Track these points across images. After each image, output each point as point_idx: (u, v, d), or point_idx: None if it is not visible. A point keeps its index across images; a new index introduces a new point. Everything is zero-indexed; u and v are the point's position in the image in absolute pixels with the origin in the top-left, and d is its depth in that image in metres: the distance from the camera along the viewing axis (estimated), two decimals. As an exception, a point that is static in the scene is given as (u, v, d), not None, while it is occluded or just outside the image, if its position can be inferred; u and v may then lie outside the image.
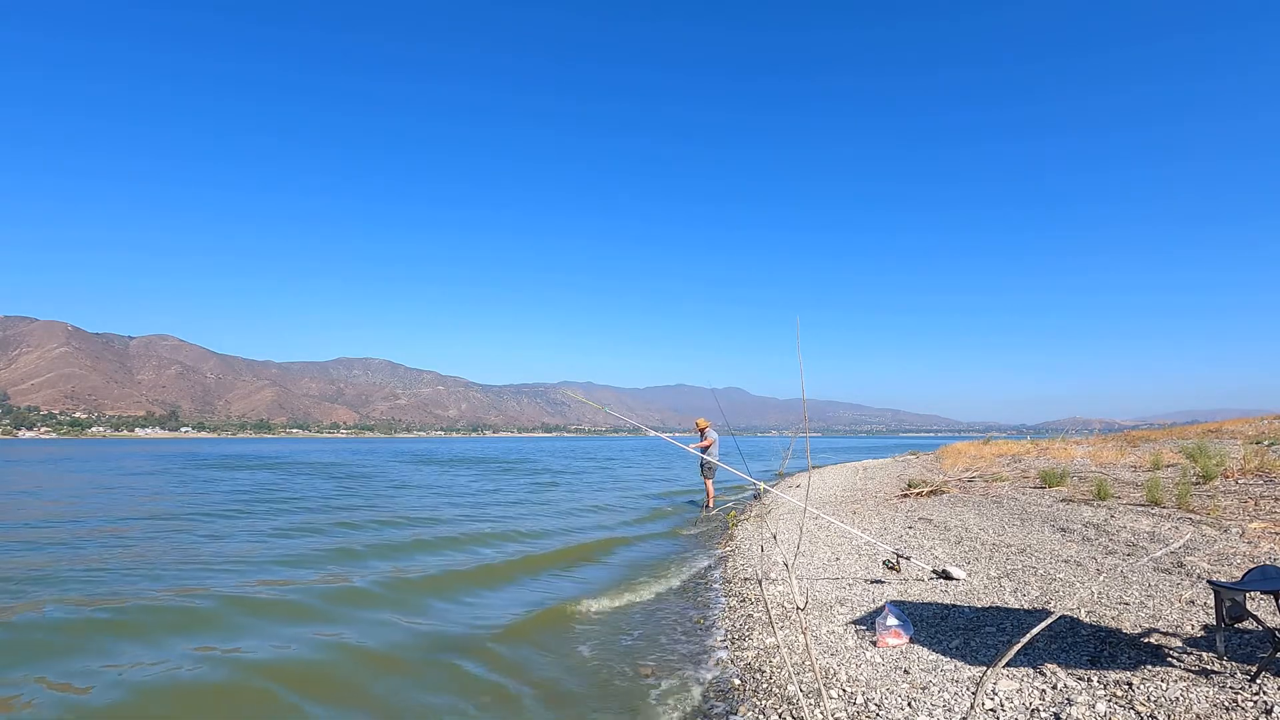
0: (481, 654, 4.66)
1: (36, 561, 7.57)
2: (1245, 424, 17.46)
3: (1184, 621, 3.93)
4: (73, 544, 8.74)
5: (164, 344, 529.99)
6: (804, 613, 4.84)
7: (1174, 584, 4.68)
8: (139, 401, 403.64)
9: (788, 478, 20.49)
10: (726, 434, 13.59)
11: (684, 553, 8.56)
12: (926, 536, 7.63)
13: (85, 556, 7.84)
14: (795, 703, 3.43)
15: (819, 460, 33.43)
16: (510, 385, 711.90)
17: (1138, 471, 10.82)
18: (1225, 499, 7.35)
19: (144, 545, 8.69)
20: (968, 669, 3.58)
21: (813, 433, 34.61)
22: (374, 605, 5.89)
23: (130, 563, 7.46)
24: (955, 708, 3.13)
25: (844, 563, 6.62)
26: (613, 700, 3.90)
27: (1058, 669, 3.39)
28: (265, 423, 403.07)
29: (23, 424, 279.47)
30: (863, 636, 4.29)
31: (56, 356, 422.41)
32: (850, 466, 23.73)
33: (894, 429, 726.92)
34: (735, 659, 4.30)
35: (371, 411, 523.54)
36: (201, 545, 8.75)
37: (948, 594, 5.14)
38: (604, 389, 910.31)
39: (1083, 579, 5.13)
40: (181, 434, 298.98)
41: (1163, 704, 2.90)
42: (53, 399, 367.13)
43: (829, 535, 8.23)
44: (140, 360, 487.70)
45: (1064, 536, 6.79)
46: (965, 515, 8.83)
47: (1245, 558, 5.07)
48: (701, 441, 12.65)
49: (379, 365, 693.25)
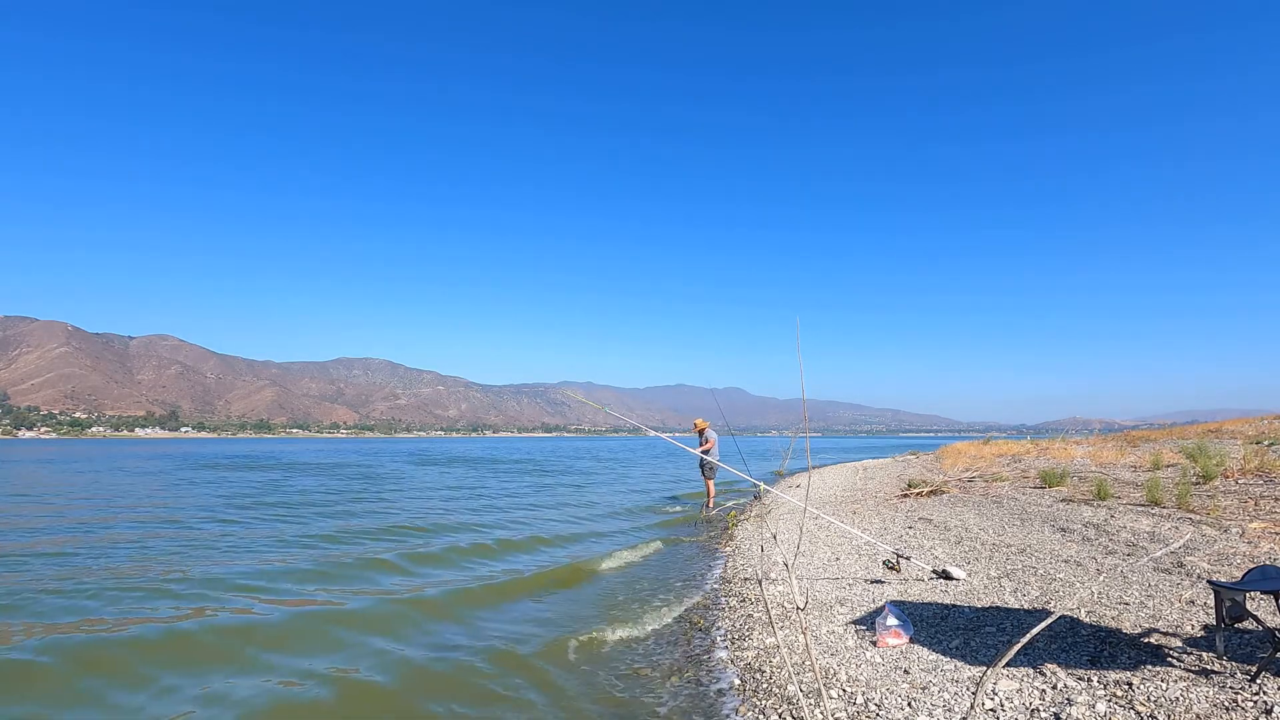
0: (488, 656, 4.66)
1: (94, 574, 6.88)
2: (1245, 424, 17.46)
3: (1184, 621, 3.93)
4: (137, 553, 8.14)
5: (164, 344, 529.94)
6: (804, 613, 4.84)
7: (1174, 584, 4.68)
8: (139, 401, 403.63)
9: (788, 478, 20.49)
10: (726, 434, 13.60)
11: (683, 553, 8.56)
12: (926, 536, 7.63)
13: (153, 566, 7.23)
14: (795, 703, 3.43)
15: (819, 460, 33.43)
16: (510, 385, 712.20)
17: (1138, 471, 10.82)
18: (1225, 499, 7.35)
19: (194, 555, 8.11)
20: (968, 669, 3.58)
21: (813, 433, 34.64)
22: (418, 620, 5.59)
23: (203, 570, 7.01)
24: (955, 708, 3.13)
25: (844, 563, 6.62)
26: (612, 700, 3.90)
27: (1058, 669, 3.39)
28: (265, 423, 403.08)
29: (23, 424, 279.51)
30: (863, 636, 4.29)
31: (56, 356, 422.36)
32: (850, 466, 23.73)
33: (894, 429, 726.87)
34: (735, 659, 4.30)
35: (371, 411, 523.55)
36: (254, 552, 8.34)
37: (948, 594, 5.14)
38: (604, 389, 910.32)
39: (1083, 579, 5.13)
40: (181, 434, 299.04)
41: (1163, 704, 2.90)
42: (53, 399, 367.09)
43: (829, 535, 8.23)
44: (140, 360, 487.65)
45: (1064, 536, 6.79)
46: (965, 515, 8.83)
47: (1245, 558, 5.07)
48: (703, 443, 12.66)
49: (379, 365, 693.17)
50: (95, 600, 5.90)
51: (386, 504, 14.29)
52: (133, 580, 6.58)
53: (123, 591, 6.16)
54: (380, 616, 5.54)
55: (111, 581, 6.51)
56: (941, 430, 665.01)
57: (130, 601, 5.86)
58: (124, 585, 6.36)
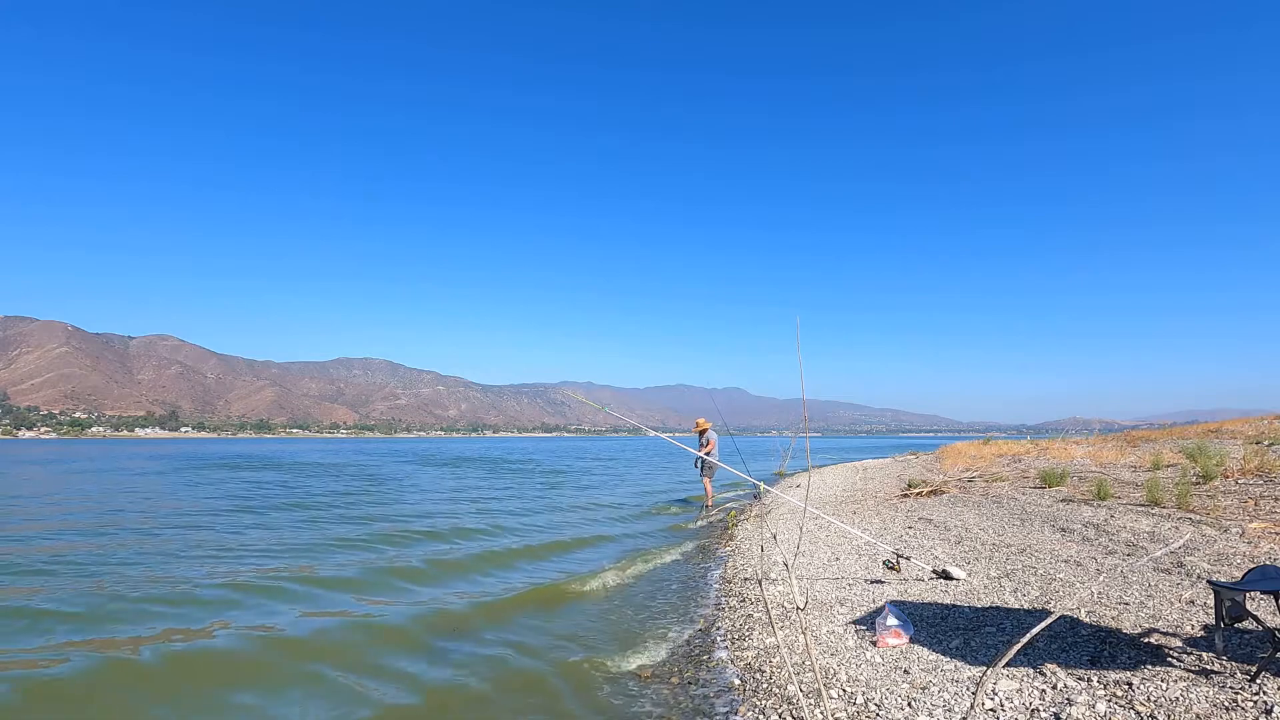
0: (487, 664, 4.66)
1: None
2: (1245, 424, 17.45)
3: (1184, 621, 3.93)
4: (160, 559, 7.95)
5: (164, 344, 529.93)
6: (804, 613, 4.84)
7: (1174, 584, 4.68)
8: (139, 401, 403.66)
9: (788, 478, 20.49)
10: (726, 434, 13.60)
11: (683, 553, 8.56)
12: (926, 536, 7.63)
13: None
14: (795, 703, 3.43)
15: (819, 460, 33.43)
16: (510, 385, 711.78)
17: (1138, 471, 10.82)
18: (1225, 499, 7.35)
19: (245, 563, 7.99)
20: (968, 669, 3.58)
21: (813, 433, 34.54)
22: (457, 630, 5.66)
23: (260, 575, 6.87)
24: (955, 708, 3.13)
25: (844, 563, 6.62)
26: (613, 700, 3.90)
27: (1058, 669, 3.39)
28: (265, 423, 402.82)
29: (23, 424, 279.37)
30: (863, 636, 4.29)
31: (56, 356, 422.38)
32: (850, 466, 23.73)
33: (894, 429, 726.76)
34: (735, 659, 4.30)
35: (371, 411, 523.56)
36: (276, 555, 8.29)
37: (948, 594, 5.14)
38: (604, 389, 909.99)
39: (1083, 579, 5.13)
40: (181, 434, 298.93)
41: (1163, 704, 2.90)
42: (53, 399, 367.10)
43: (829, 535, 8.22)
44: (140, 360, 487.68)
45: (1064, 536, 6.79)
46: (965, 515, 8.83)
47: (1245, 558, 5.07)
48: (704, 444, 12.65)
49: (379, 365, 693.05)
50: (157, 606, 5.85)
51: (404, 505, 14.30)
52: (156, 590, 6.39)
53: (152, 602, 5.99)
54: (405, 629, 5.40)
55: (148, 589, 6.38)
56: (941, 430, 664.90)
57: (158, 612, 5.72)
58: (156, 595, 6.19)
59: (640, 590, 6.60)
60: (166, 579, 6.78)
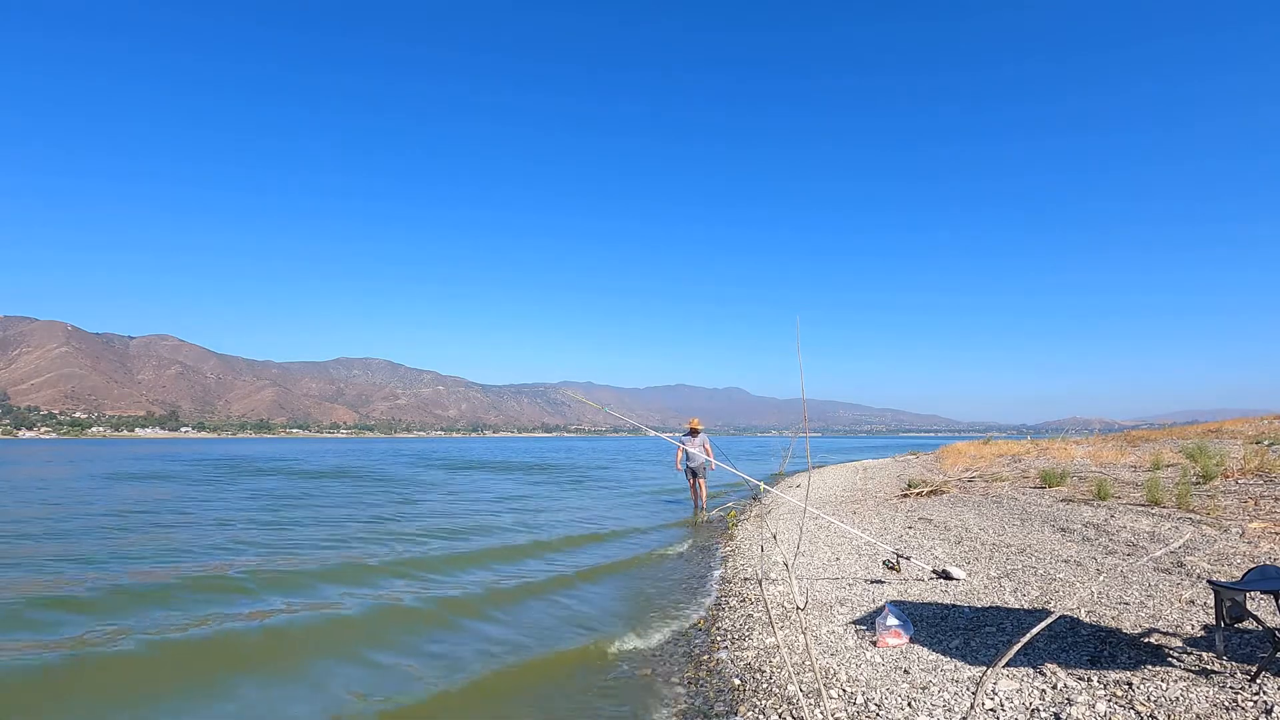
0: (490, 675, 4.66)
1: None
2: (1245, 424, 17.45)
3: (1184, 621, 3.93)
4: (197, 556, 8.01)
5: (164, 344, 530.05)
6: (804, 613, 4.84)
7: (1174, 584, 4.67)
8: (139, 401, 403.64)
9: (788, 478, 20.48)
10: (727, 434, 13.59)
11: (682, 553, 8.56)
12: (926, 536, 7.63)
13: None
14: (795, 703, 3.43)
15: (819, 460, 33.42)
16: (510, 385, 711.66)
17: (1138, 471, 10.82)
18: (1225, 499, 7.35)
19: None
20: (968, 669, 3.58)
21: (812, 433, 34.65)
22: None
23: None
24: (955, 708, 3.13)
25: (844, 563, 6.62)
26: (612, 700, 3.90)
27: (1058, 669, 3.39)
28: (265, 423, 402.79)
29: (23, 424, 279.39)
30: (863, 636, 4.29)
31: (56, 356, 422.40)
32: (850, 466, 23.72)
33: (894, 429, 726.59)
34: (735, 659, 4.30)
35: (371, 411, 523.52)
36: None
37: (948, 594, 5.14)
38: (604, 389, 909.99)
39: (1083, 579, 5.13)
40: (182, 434, 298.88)
41: (1163, 704, 2.90)
42: (53, 399, 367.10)
43: (829, 535, 8.22)
44: (140, 360, 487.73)
45: (1064, 536, 6.79)
46: (965, 515, 8.83)
47: (1245, 558, 5.07)
48: (696, 443, 12.48)
49: (379, 365, 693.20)
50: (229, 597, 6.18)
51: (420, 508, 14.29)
52: (212, 579, 6.85)
53: (212, 592, 6.39)
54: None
55: (203, 582, 6.74)
56: (941, 430, 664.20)
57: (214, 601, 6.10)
58: (210, 586, 6.59)
59: (640, 590, 6.59)
60: (285, 562, 7.49)
